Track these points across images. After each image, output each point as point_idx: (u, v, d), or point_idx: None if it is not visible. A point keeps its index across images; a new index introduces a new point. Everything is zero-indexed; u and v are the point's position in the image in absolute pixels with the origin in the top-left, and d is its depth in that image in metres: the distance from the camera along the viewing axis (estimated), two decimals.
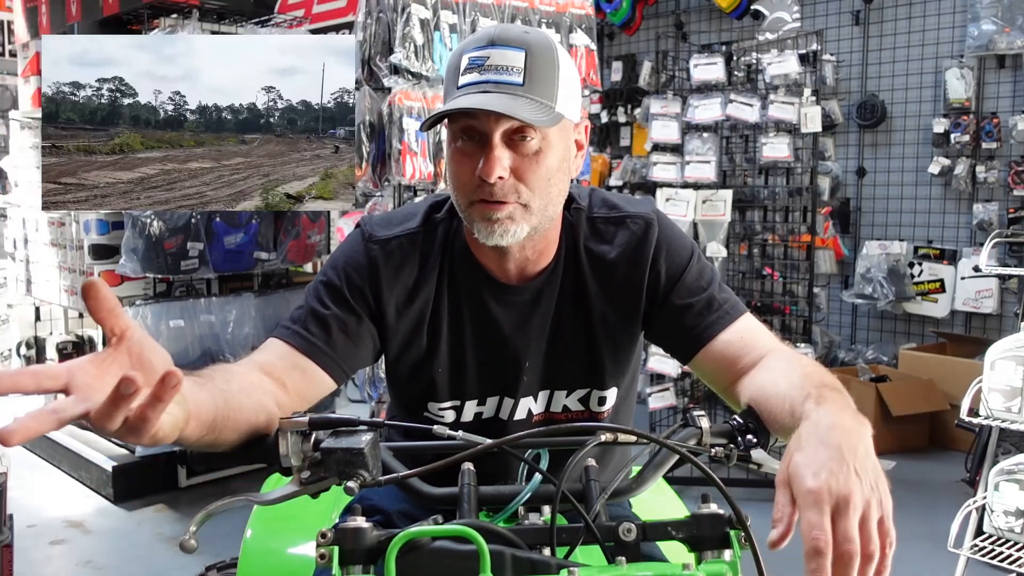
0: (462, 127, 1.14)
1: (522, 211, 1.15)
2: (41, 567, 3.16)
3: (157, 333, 3.63)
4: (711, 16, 5.93)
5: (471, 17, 2.99)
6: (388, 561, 0.83)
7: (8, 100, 5.56)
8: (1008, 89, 4.74)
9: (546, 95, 1.13)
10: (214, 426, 0.93)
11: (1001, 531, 2.64)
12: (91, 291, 0.74)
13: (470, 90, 1.12)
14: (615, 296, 1.27)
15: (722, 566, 0.89)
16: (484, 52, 1.13)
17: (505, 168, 1.12)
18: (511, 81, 1.11)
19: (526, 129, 1.13)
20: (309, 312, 1.22)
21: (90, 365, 0.75)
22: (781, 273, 4.22)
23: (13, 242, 4.61)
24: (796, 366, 1.10)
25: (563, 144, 1.18)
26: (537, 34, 1.17)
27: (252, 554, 1.51)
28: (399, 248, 1.25)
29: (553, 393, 1.31)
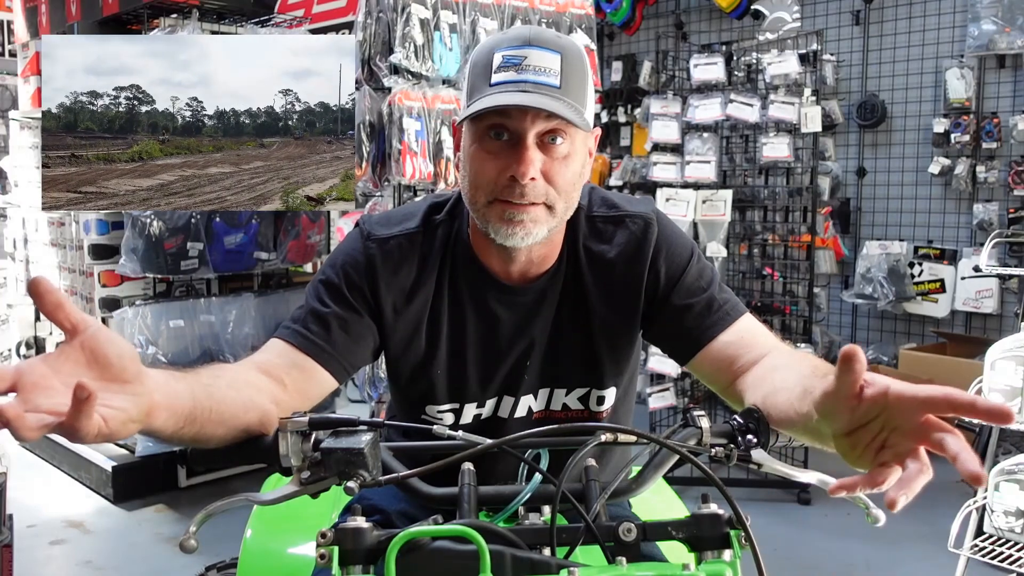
0: (491, 125, 1.14)
1: (546, 213, 1.16)
2: (41, 567, 3.16)
3: (157, 333, 3.63)
4: (711, 16, 5.93)
5: (471, 17, 2.99)
6: (388, 561, 0.83)
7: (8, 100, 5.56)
8: (1008, 89, 4.73)
9: (579, 100, 1.14)
10: (193, 418, 0.92)
11: (1001, 531, 2.64)
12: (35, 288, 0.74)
13: (508, 88, 1.11)
14: (613, 296, 1.27)
15: (722, 566, 0.89)
16: (521, 52, 1.12)
17: (537, 169, 1.13)
18: (549, 83, 1.11)
19: (557, 132, 1.13)
20: (309, 311, 1.22)
21: (41, 364, 0.75)
22: (781, 273, 4.22)
23: (13, 242, 4.61)
24: (803, 361, 1.09)
25: (584, 149, 1.19)
26: (568, 40, 1.18)
27: (252, 554, 1.51)
28: (397, 248, 1.25)
29: (553, 391, 1.31)
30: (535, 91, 1.10)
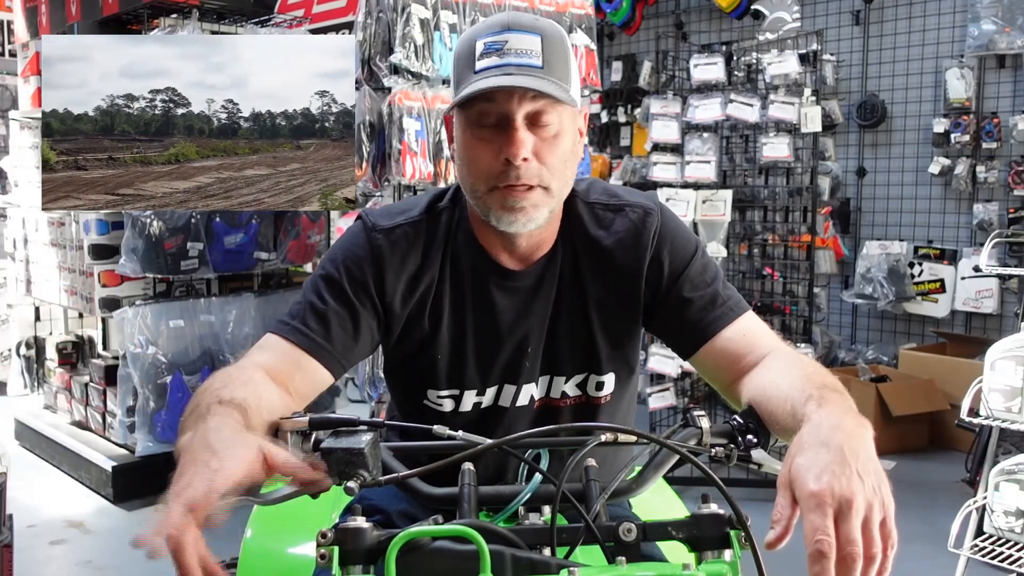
0: (480, 111, 1.15)
1: (544, 195, 1.17)
2: (41, 567, 3.16)
3: (157, 333, 3.63)
4: (711, 16, 5.93)
5: (471, 17, 2.99)
6: (388, 561, 0.83)
7: (8, 100, 5.56)
8: (1008, 89, 4.73)
9: (563, 79, 1.15)
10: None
11: (1001, 531, 2.64)
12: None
13: (492, 72, 1.12)
14: (611, 282, 1.27)
15: (722, 566, 0.89)
16: (501, 37, 1.14)
17: (529, 149, 1.14)
18: (531, 64, 1.13)
19: (545, 112, 1.14)
20: (308, 307, 1.22)
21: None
22: (781, 273, 4.22)
23: (13, 242, 4.61)
24: (797, 366, 1.10)
25: (574, 128, 1.20)
26: (546, 21, 1.19)
27: (252, 554, 1.51)
28: (403, 236, 1.26)
29: (552, 379, 1.31)
30: (518, 73, 1.12)
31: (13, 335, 4.88)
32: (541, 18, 1.19)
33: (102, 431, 4.00)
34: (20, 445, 4.42)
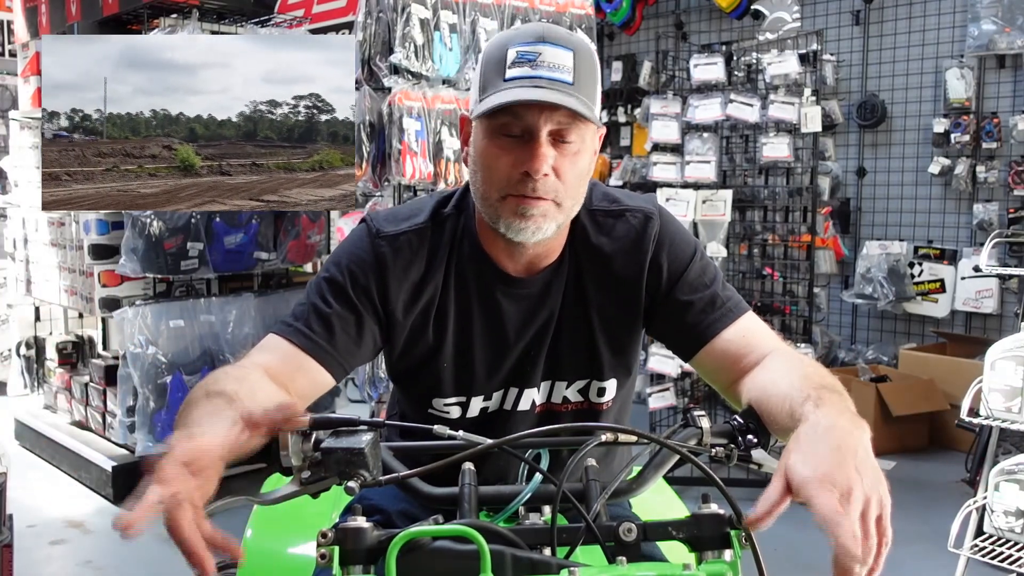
0: (505, 121, 1.14)
1: (555, 209, 1.17)
2: (41, 567, 3.16)
3: (157, 333, 3.63)
4: (711, 16, 5.93)
5: (471, 17, 2.99)
6: (388, 561, 0.83)
7: (8, 100, 5.56)
8: (1008, 89, 4.73)
9: (590, 96, 1.15)
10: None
11: (1001, 531, 2.64)
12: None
13: (523, 83, 1.12)
14: (613, 287, 1.28)
15: (722, 566, 0.89)
16: (535, 48, 1.13)
17: (550, 165, 1.14)
18: (563, 79, 1.12)
19: (569, 130, 1.14)
20: (311, 309, 1.22)
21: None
22: (781, 273, 4.22)
23: (13, 242, 4.61)
24: (796, 367, 1.10)
25: (592, 147, 1.20)
26: (579, 37, 1.20)
27: (252, 554, 1.51)
28: (407, 244, 1.25)
29: (554, 384, 1.31)
30: (550, 87, 1.11)
31: (13, 335, 4.88)
32: (575, 34, 1.20)
33: (102, 431, 4.00)
34: (20, 445, 4.42)
